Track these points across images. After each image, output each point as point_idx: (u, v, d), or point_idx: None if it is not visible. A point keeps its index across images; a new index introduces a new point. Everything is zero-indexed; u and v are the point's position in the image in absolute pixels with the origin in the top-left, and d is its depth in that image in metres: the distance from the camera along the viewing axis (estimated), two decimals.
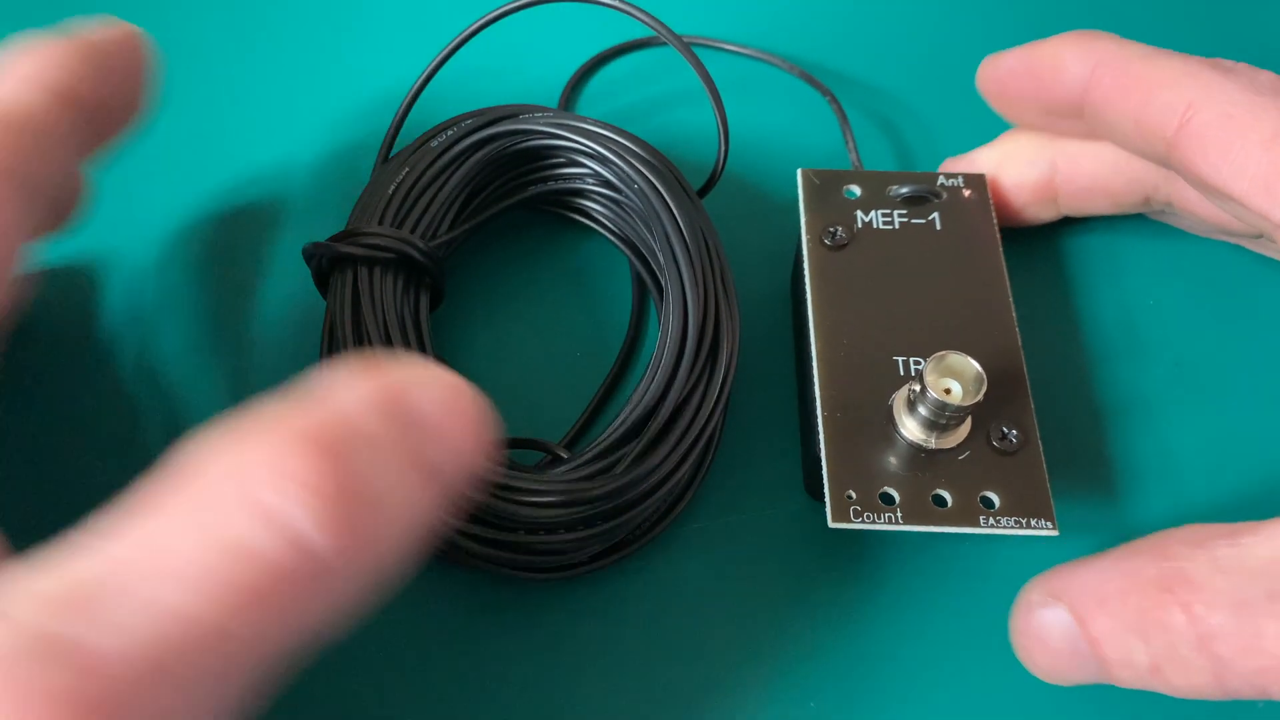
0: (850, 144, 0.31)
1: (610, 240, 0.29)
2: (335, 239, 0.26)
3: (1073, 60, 0.25)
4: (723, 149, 0.28)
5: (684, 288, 0.25)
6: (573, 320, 0.29)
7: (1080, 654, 0.20)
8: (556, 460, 0.25)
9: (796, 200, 0.27)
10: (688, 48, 0.27)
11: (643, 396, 0.24)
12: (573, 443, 0.27)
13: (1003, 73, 0.27)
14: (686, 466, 0.24)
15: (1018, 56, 0.27)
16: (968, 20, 0.36)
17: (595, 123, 0.28)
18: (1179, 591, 0.18)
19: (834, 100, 0.32)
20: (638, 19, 0.27)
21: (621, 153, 0.27)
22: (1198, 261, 0.31)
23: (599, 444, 0.24)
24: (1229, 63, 0.23)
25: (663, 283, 0.27)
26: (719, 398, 0.25)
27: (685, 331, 0.25)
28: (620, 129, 0.27)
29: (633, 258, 0.29)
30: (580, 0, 0.28)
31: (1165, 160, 0.24)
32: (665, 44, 0.35)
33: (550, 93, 0.34)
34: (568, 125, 0.28)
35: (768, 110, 0.34)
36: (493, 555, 0.24)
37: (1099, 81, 0.25)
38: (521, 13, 0.28)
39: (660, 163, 0.27)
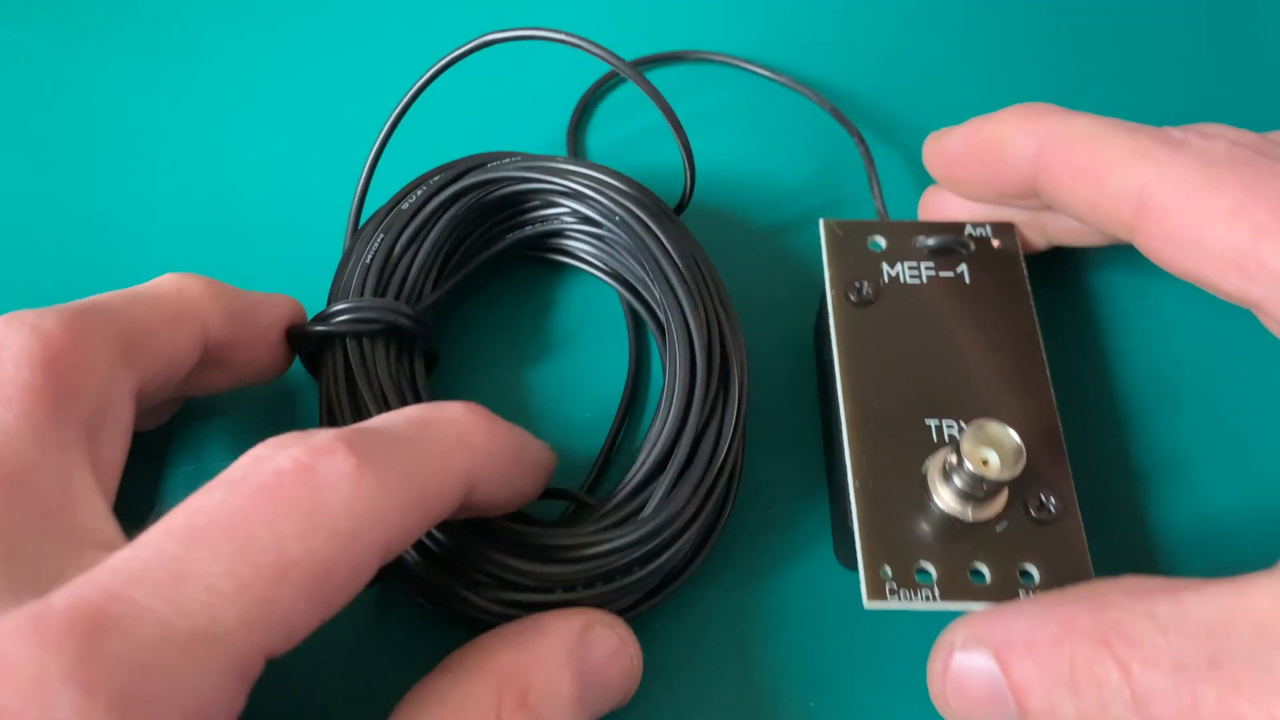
0: (876, 190, 0.29)
1: (598, 277, 0.29)
2: (319, 318, 0.25)
3: (1018, 142, 0.24)
4: (689, 178, 0.28)
5: (685, 315, 0.25)
6: (571, 362, 0.29)
7: (1001, 703, 0.19)
8: (582, 508, 0.25)
9: (818, 240, 0.26)
10: (643, 78, 0.26)
11: (660, 432, 0.24)
12: (593, 486, 0.26)
13: (948, 155, 0.26)
14: (714, 499, 0.24)
15: (962, 137, 0.25)
16: (1001, 60, 0.35)
17: (566, 160, 0.27)
18: (1116, 646, 0.18)
19: (861, 142, 0.31)
20: (591, 53, 0.27)
21: (598, 187, 0.26)
22: (1234, 310, 0.30)
23: (624, 486, 0.24)
24: (1178, 133, 0.22)
25: (659, 313, 0.26)
26: (736, 422, 0.24)
27: (693, 360, 0.24)
28: (593, 163, 0.27)
29: (623, 291, 0.28)
30: (529, 39, 0.27)
31: (1129, 240, 0.23)
32: (689, 62, 0.35)
33: (532, 133, 0.33)
34: (538, 167, 0.27)
35: (794, 144, 0.33)
36: None
37: (1047, 164, 0.23)
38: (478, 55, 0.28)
39: (639, 192, 0.27)
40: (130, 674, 0.14)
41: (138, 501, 0.27)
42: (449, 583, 0.22)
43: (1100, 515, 0.26)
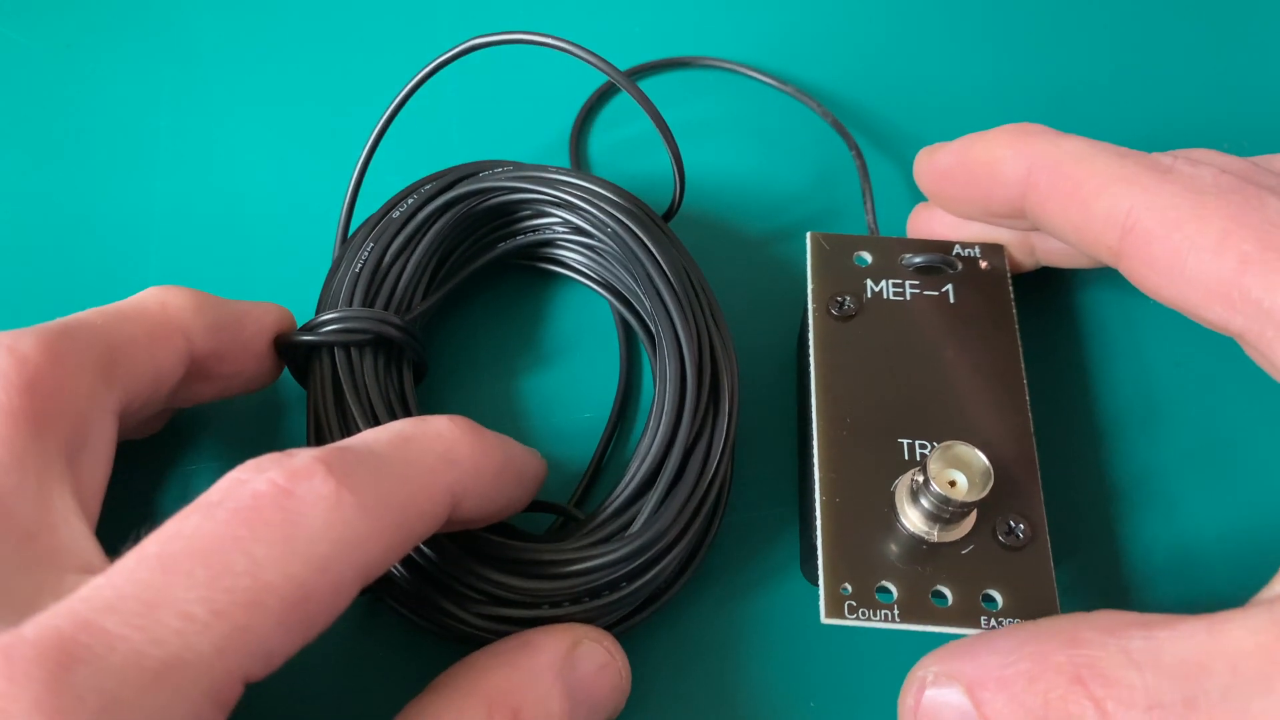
0: (869, 205, 0.29)
1: (590, 287, 0.28)
2: (307, 327, 0.25)
3: (1008, 162, 0.24)
4: (678, 186, 0.28)
5: (675, 327, 0.25)
6: (562, 373, 0.28)
7: None
8: (570, 522, 0.25)
9: (806, 252, 0.26)
10: (634, 86, 0.26)
11: (650, 446, 0.24)
12: (581, 500, 0.26)
13: (939, 171, 0.26)
14: (703, 514, 0.23)
15: (953, 154, 0.25)
16: (1003, 78, 0.35)
17: (557, 170, 0.27)
18: (1091, 684, 0.17)
19: (859, 155, 0.31)
20: (582, 58, 0.26)
21: (589, 197, 0.26)
22: (1217, 337, 0.29)
23: (613, 501, 0.24)
24: (1167, 159, 0.22)
25: (650, 325, 0.26)
26: (726, 436, 0.24)
27: (684, 373, 0.24)
28: (585, 173, 0.27)
29: (615, 302, 0.28)
30: (516, 44, 0.27)
31: (1115, 265, 0.23)
32: (695, 68, 0.35)
33: (535, 140, 0.33)
34: (530, 177, 0.27)
35: (793, 154, 0.33)
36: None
37: (1035, 185, 0.23)
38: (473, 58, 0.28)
39: (630, 202, 0.26)
40: (99, 704, 0.14)
41: (132, 512, 0.27)
42: (435, 598, 0.22)
43: (1072, 539, 0.25)
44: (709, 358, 0.24)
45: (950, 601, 0.21)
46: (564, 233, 0.28)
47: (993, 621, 0.21)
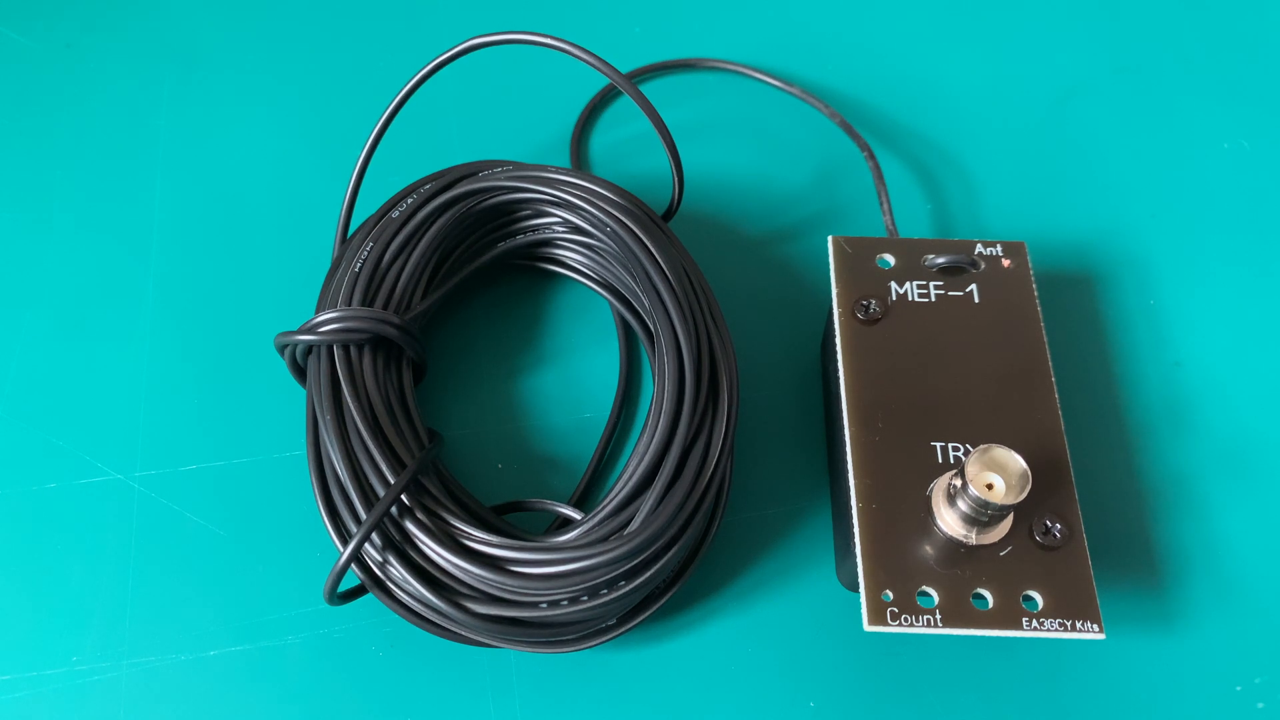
0: (885, 206, 0.29)
1: (589, 287, 0.28)
2: (306, 327, 0.25)
3: None
4: (677, 186, 0.28)
5: (674, 327, 0.24)
6: (562, 372, 0.28)
7: None
8: (569, 522, 0.25)
9: (822, 249, 0.26)
10: (634, 87, 0.26)
11: (648, 445, 0.24)
12: (582, 499, 0.26)
13: None
14: (702, 512, 0.23)
15: None
16: (1011, 76, 0.35)
17: (557, 170, 0.27)
18: None
19: (871, 157, 0.31)
20: (581, 59, 0.26)
21: (589, 197, 0.26)
22: (1247, 336, 0.29)
23: (611, 499, 0.23)
24: None
25: (649, 324, 0.26)
26: (725, 435, 0.24)
27: (682, 372, 0.24)
28: (584, 173, 0.27)
29: (614, 301, 0.28)
30: (515, 44, 0.27)
31: None
32: (700, 70, 0.35)
33: (537, 139, 0.33)
34: (529, 176, 0.27)
35: (801, 155, 0.33)
36: (514, 634, 0.23)
37: None
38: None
39: (630, 202, 0.26)
40: None
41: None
42: (434, 598, 0.22)
43: (1104, 533, 0.26)
44: (708, 356, 0.24)
45: (991, 604, 0.21)
46: (563, 232, 0.28)
47: (1035, 623, 0.21)
